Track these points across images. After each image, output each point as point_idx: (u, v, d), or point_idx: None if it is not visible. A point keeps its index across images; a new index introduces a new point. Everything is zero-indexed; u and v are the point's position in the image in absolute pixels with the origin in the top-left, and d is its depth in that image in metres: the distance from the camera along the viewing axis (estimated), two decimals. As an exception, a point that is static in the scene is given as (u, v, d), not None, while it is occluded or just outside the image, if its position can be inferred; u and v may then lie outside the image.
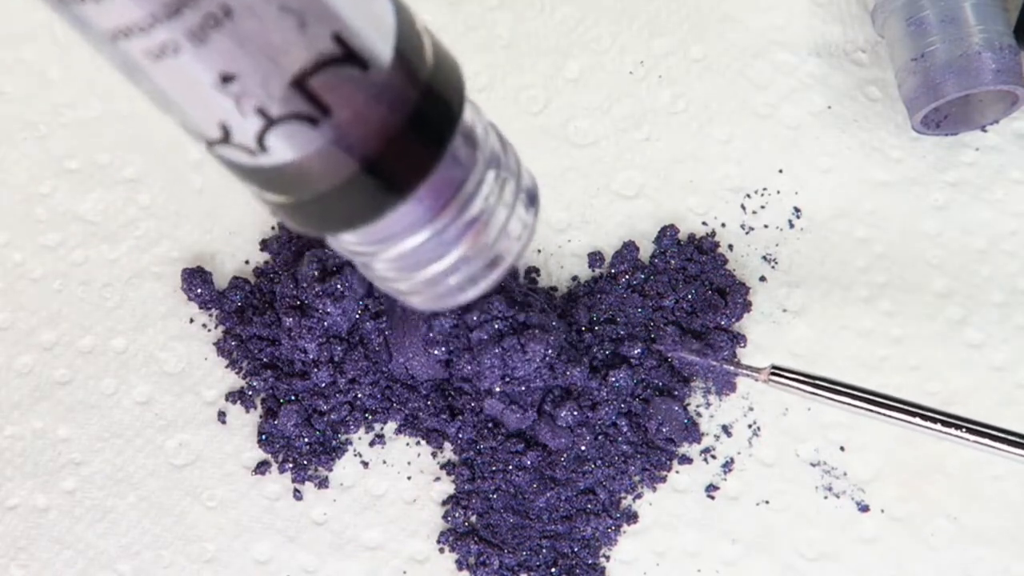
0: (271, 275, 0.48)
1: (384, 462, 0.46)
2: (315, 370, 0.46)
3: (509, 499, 0.45)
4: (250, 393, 0.47)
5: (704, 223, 0.50)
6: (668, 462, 0.46)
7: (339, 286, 0.45)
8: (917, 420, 0.40)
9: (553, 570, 0.44)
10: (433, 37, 0.29)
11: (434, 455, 0.46)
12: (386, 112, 0.27)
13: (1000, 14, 0.48)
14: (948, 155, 0.51)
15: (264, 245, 0.50)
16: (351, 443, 0.47)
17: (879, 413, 0.40)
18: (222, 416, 0.47)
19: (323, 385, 0.46)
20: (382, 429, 0.47)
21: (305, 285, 0.45)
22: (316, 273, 0.45)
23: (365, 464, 0.46)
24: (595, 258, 0.49)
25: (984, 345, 0.48)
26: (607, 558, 0.45)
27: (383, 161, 0.27)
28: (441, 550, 0.45)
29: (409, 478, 0.46)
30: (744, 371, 0.43)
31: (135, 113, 0.52)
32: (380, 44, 0.26)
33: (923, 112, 0.48)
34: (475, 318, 0.44)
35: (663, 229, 0.49)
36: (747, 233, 0.50)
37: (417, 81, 0.27)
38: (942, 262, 0.49)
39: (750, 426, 0.46)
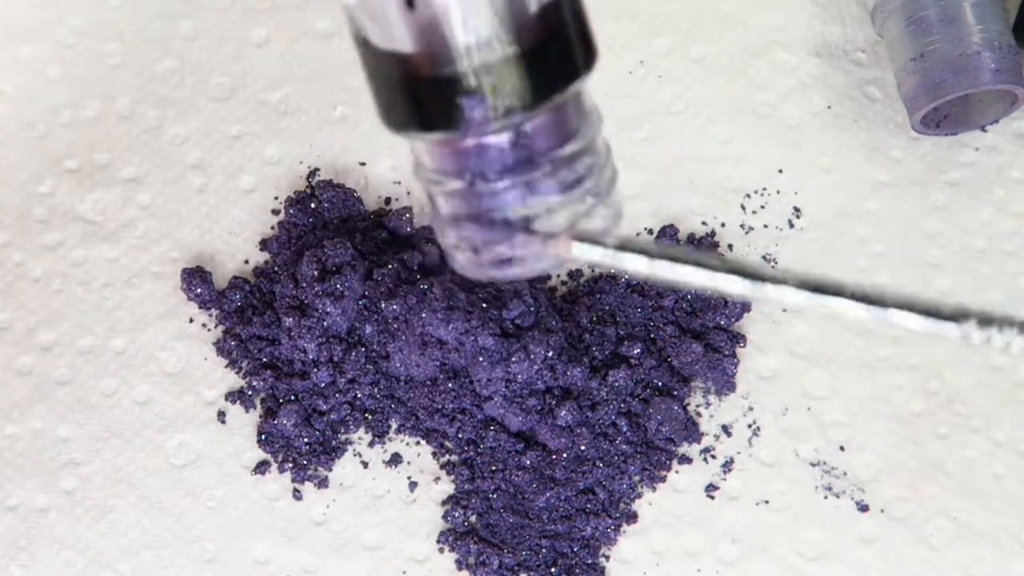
0: (271, 275, 0.48)
1: (384, 462, 0.46)
2: (315, 370, 0.46)
3: (509, 499, 0.45)
4: (250, 393, 0.47)
5: (704, 223, 0.50)
6: (668, 462, 0.46)
7: (339, 286, 0.45)
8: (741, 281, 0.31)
9: (553, 570, 0.44)
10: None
11: (434, 455, 0.46)
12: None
13: (1000, 14, 0.48)
14: (948, 155, 0.51)
15: (264, 245, 0.50)
16: (351, 443, 0.47)
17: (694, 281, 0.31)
18: (222, 416, 0.47)
19: (323, 385, 0.46)
20: (382, 429, 0.47)
21: (305, 285, 0.45)
22: (316, 273, 0.45)
23: (365, 464, 0.46)
24: (595, 258, 0.49)
25: (984, 345, 0.47)
26: (607, 558, 0.45)
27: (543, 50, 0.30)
28: (441, 550, 0.45)
29: (409, 478, 0.46)
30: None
31: (135, 113, 0.52)
32: None
33: (923, 112, 0.48)
34: (475, 321, 0.44)
35: (663, 229, 0.49)
36: (747, 233, 0.50)
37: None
38: (942, 262, 0.49)
39: (750, 426, 0.46)
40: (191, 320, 0.48)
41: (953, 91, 0.47)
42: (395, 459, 0.46)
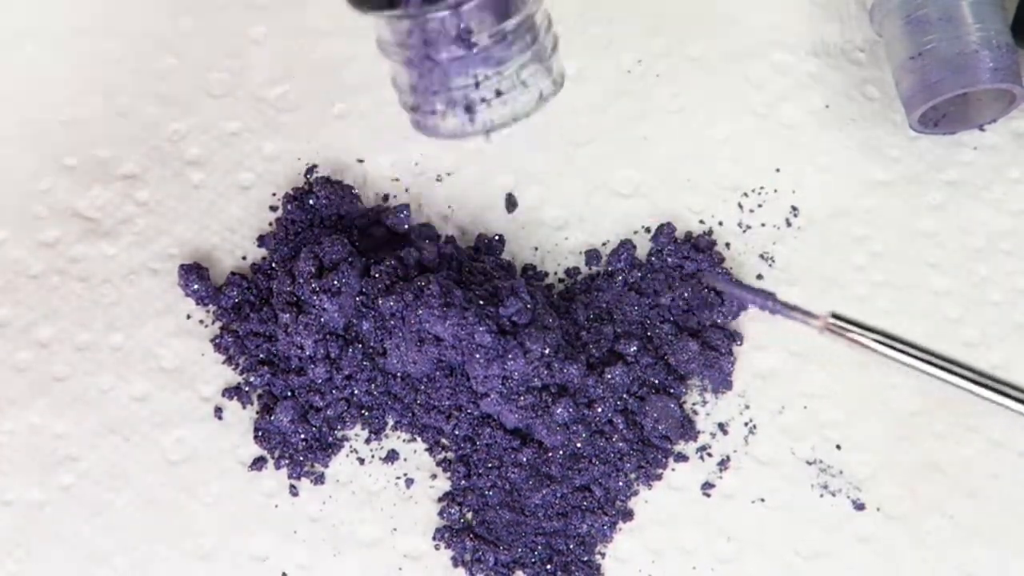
0: (268, 271, 0.48)
1: (380, 458, 0.46)
2: (311, 366, 0.46)
3: (505, 496, 0.45)
4: (247, 389, 0.47)
5: (701, 221, 0.50)
6: (664, 459, 0.46)
7: (335, 282, 0.45)
8: (976, 388, 0.36)
9: (548, 567, 0.44)
10: None
11: (430, 451, 0.46)
12: None
13: (998, 13, 0.48)
14: (946, 154, 0.51)
15: (261, 241, 0.50)
16: (347, 439, 0.47)
17: (939, 376, 0.36)
18: (219, 412, 0.47)
19: (319, 381, 0.46)
20: (378, 425, 0.47)
21: (302, 281, 0.45)
22: (313, 269, 0.45)
23: (361, 460, 0.46)
24: (592, 256, 0.49)
25: (981, 344, 0.47)
26: (602, 555, 0.45)
27: None
28: (437, 547, 0.45)
29: (405, 474, 0.46)
30: (798, 315, 0.38)
31: (134, 110, 0.52)
32: None
33: (921, 110, 0.48)
34: (472, 318, 0.44)
35: (660, 227, 0.49)
36: (744, 232, 0.50)
37: None
38: (940, 261, 0.49)
39: (746, 424, 0.46)
40: (188, 316, 0.49)
41: (951, 90, 0.47)
42: (391, 456, 0.46)
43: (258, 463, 0.46)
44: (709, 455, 0.46)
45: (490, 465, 0.45)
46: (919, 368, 0.36)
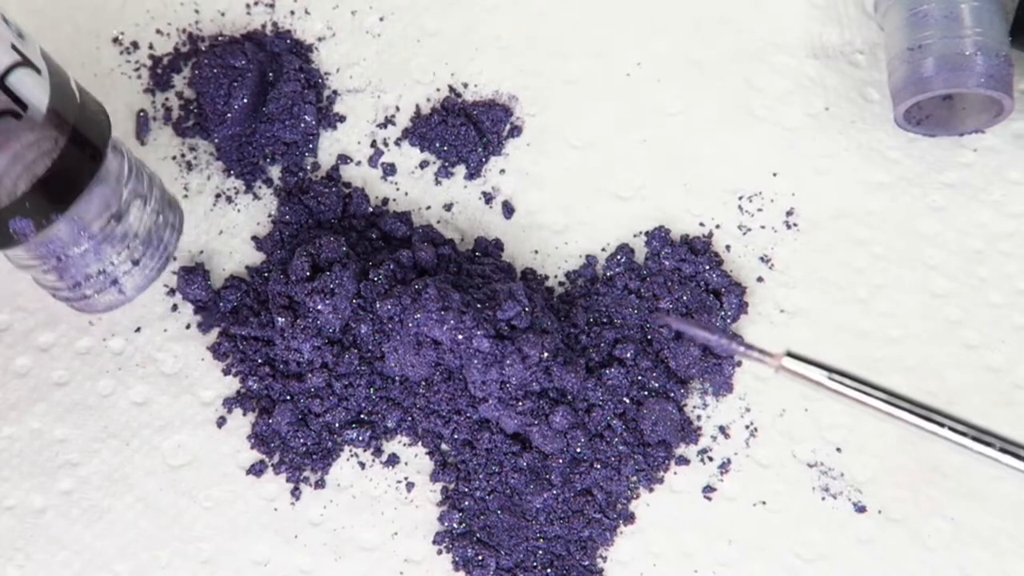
0: (265, 274, 0.48)
1: (380, 463, 0.46)
2: (310, 371, 0.46)
3: (505, 500, 0.45)
4: (245, 392, 0.47)
5: (701, 224, 0.50)
6: (665, 463, 0.46)
7: (329, 283, 0.45)
8: (931, 425, 0.36)
9: (549, 571, 0.44)
10: (82, 90, 0.41)
11: (430, 455, 0.46)
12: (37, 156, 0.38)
13: (1000, 23, 0.47)
14: (946, 156, 0.51)
15: (259, 243, 0.49)
16: (347, 444, 0.46)
17: (893, 414, 0.36)
18: (220, 417, 0.47)
19: (318, 386, 0.46)
20: (378, 430, 0.46)
21: (294, 279, 0.45)
22: (307, 268, 0.45)
23: (361, 465, 0.46)
24: (592, 260, 0.49)
25: (981, 346, 0.47)
26: (604, 559, 0.45)
27: (39, 192, 0.38)
28: (438, 551, 0.45)
29: (405, 478, 0.46)
30: (754, 354, 0.37)
31: (132, 114, 0.52)
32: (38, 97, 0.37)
33: (907, 104, 0.48)
34: (470, 322, 0.44)
35: (653, 231, 0.49)
36: (744, 234, 0.50)
37: (65, 128, 0.38)
38: (940, 263, 0.49)
39: (747, 427, 0.46)
40: (188, 320, 0.48)
41: (941, 87, 0.47)
42: (392, 460, 0.46)
43: (258, 467, 0.46)
44: (710, 458, 0.46)
45: (490, 470, 0.45)
46: (879, 408, 0.36)
